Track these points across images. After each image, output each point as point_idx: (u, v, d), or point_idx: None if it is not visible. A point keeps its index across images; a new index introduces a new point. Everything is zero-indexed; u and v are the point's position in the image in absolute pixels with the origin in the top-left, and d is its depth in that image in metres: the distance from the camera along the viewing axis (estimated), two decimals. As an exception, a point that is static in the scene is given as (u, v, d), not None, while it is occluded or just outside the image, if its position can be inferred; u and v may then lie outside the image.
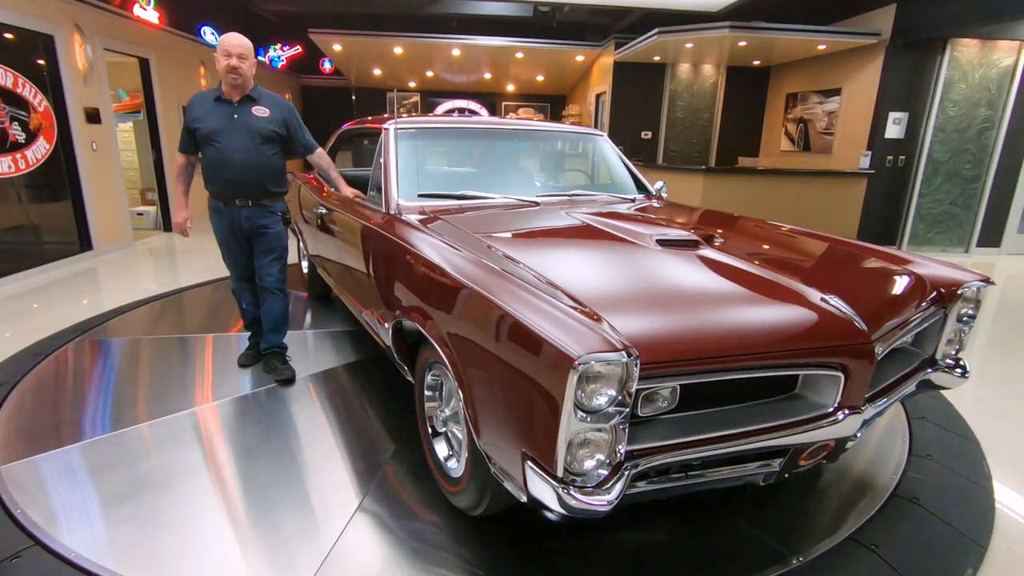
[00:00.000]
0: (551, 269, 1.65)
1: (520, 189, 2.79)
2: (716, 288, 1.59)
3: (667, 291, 1.56)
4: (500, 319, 1.41)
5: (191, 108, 2.73)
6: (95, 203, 5.79)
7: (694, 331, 1.37)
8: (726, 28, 6.53)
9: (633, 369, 1.19)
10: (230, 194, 2.78)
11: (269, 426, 2.52)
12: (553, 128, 3.22)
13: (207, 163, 2.76)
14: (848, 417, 1.50)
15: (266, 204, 2.85)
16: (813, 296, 1.57)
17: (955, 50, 6.52)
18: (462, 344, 1.60)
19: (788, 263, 1.94)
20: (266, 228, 2.87)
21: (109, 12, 5.95)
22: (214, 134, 2.69)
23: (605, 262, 1.78)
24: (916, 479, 2.18)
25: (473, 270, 1.67)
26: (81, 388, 2.87)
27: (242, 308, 3.11)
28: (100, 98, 5.89)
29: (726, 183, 6.96)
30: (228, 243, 2.90)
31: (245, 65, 2.66)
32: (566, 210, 2.45)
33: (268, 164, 2.79)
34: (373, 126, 3.06)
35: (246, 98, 2.74)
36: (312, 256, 4.01)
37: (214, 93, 2.73)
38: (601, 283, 1.60)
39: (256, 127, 2.73)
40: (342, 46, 9.68)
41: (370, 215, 2.56)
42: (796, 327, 1.45)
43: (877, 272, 1.96)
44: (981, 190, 6.95)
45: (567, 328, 1.25)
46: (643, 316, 1.40)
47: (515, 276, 1.58)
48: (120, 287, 4.85)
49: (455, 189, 2.61)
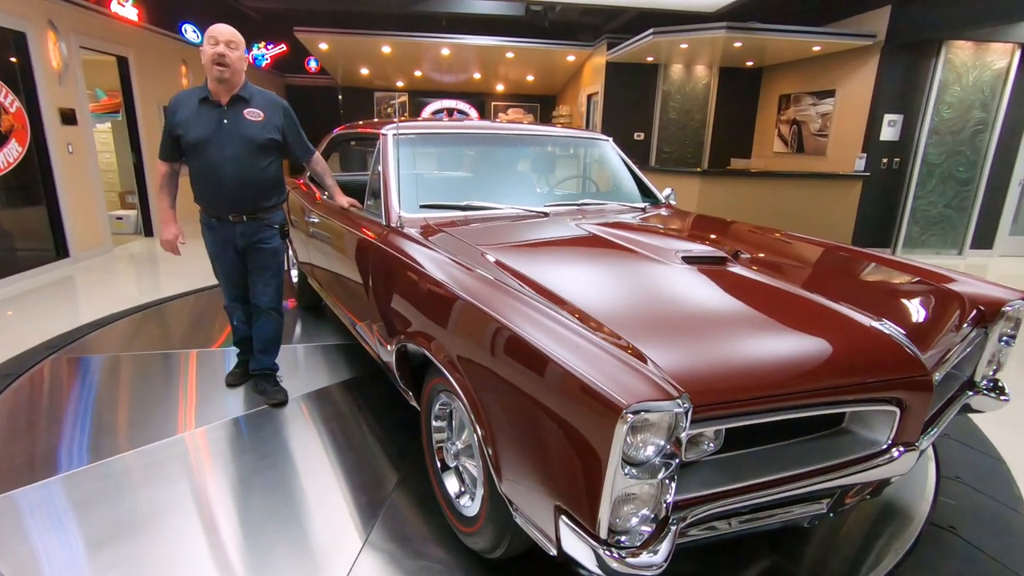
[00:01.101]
0: (576, 293, 1.52)
1: (527, 198, 2.65)
2: (758, 314, 1.46)
3: (705, 318, 1.42)
4: (527, 353, 1.27)
5: (173, 110, 2.42)
6: (71, 208, 5.54)
7: (744, 366, 1.23)
8: (722, 29, 6.44)
9: (685, 416, 1.05)
10: (222, 209, 2.52)
11: (261, 455, 2.35)
12: (559, 133, 3.08)
13: (194, 175, 2.48)
14: (904, 455, 1.38)
15: (262, 217, 2.60)
16: (864, 321, 1.45)
17: (950, 52, 6.50)
18: (478, 375, 1.46)
19: (825, 281, 1.82)
20: (262, 243, 2.62)
21: (85, 8, 5.70)
22: (201, 143, 2.39)
23: (632, 284, 1.64)
24: (949, 505, 2.08)
25: (488, 293, 1.52)
26: (57, 412, 2.67)
27: (233, 325, 2.87)
28: (76, 98, 5.64)
29: (722, 186, 6.89)
30: (221, 260, 2.65)
31: (234, 55, 2.33)
32: (577, 221, 2.31)
33: (264, 176, 2.52)
34: (368, 131, 2.90)
35: (236, 99, 2.42)
36: (302, 264, 3.83)
37: (199, 93, 2.41)
38: (632, 309, 1.47)
39: (250, 135, 2.42)
40: (328, 45, 9.45)
41: (368, 227, 2.40)
42: (853, 358, 1.33)
43: (918, 291, 1.84)
44: (975, 192, 6.95)
45: (610, 369, 1.11)
46: (685, 350, 1.26)
47: (538, 301, 1.44)
48: (98, 297, 4.63)
49: (458, 199, 2.46)
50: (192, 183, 2.52)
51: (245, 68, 2.44)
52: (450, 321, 1.62)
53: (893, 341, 1.38)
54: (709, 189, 6.76)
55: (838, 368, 1.30)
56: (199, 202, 2.56)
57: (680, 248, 1.89)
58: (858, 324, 1.43)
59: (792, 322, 1.43)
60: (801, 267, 1.99)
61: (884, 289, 1.86)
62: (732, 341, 1.32)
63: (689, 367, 1.18)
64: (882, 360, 1.34)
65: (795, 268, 1.95)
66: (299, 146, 2.63)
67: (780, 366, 1.26)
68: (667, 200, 3.04)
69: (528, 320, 1.34)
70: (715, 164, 9.16)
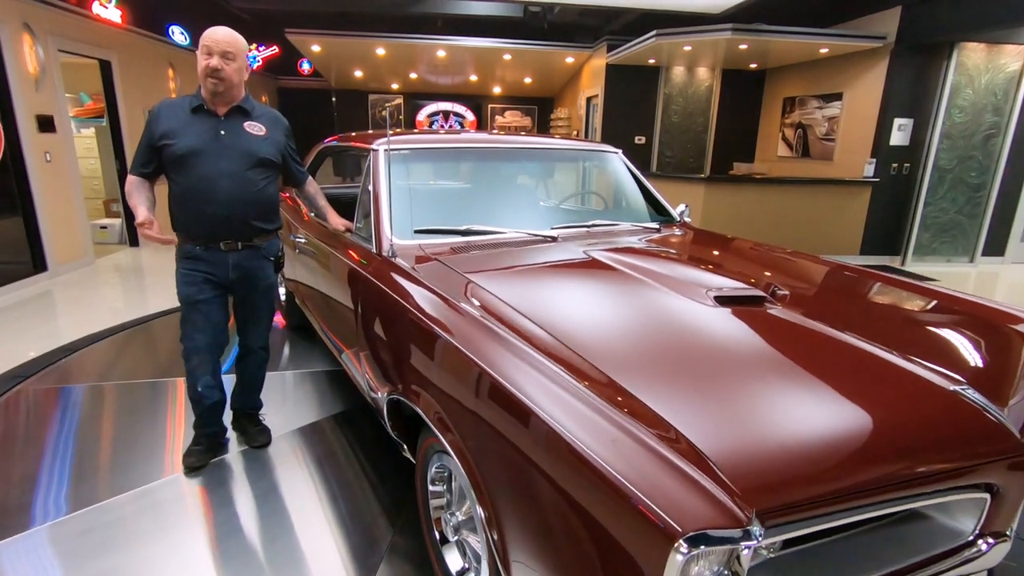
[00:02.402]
0: (603, 350, 1.29)
1: (532, 220, 2.43)
2: (815, 378, 1.23)
3: (754, 384, 1.20)
4: (547, 436, 1.04)
5: (158, 120, 2.07)
6: (50, 219, 5.28)
7: (811, 457, 1.01)
8: (728, 31, 6.22)
9: (755, 539, 0.83)
10: (213, 234, 2.13)
11: (247, 503, 2.12)
12: (566, 146, 2.84)
13: (180, 193, 2.10)
14: (993, 547, 1.16)
15: (259, 245, 2.24)
16: (943, 385, 1.22)
17: (962, 54, 6.30)
18: (482, 448, 1.23)
19: (877, 323, 1.59)
20: (258, 278, 2.27)
21: (64, 10, 5.44)
22: (193, 155, 2.05)
23: (667, 336, 1.42)
24: (1011, 568, 1.86)
25: (494, 350, 1.30)
26: (31, 453, 2.43)
27: (198, 392, 2.24)
28: (54, 104, 5.38)
29: (728, 192, 6.69)
30: (202, 299, 2.18)
31: (230, 68, 2.03)
32: (589, 247, 2.08)
33: (262, 195, 2.18)
34: (359, 144, 2.67)
35: (236, 110, 2.13)
36: (289, 281, 3.59)
37: (191, 101, 2.10)
38: (671, 373, 1.24)
39: (250, 148, 2.13)
40: (321, 47, 9.21)
41: (358, 254, 2.17)
42: (938, 437, 1.11)
43: (992, 336, 1.60)
44: (986, 198, 6.76)
45: (659, 476, 0.88)
46: (740, 435, 1.03)
47: (558, 364, 1.21)
48: (78, 315, 4.38)
49: (457, 221, 2.23)
50: (175, 205, 2.14)
51: (246, 79, 2.14)
52: (447, 379, 1.40)
53: (982, 412, 1.16)
54: (714, 196, 6.56)
55: (925, 451, 1.07)
56: (181, 228, 2.16)
57: (710, 284, 1.67)
58: (937, 389, 1.21)
59: (859, 389, 1.20)
60: (845, 303, 1.76)
61: (950, 335, 1.61)
62: (791, 419, 1.09)
63: (749, 462, 0.96)
64: (970, 436, 1.12)
65: (839, 305, 1.73)
66: (298, 169, 2.39)
67: (855, 453, 1.03)
68: (682, 217, 2.82)
69: (548, 393, 1.12)
70: (717, 168, 8.95)
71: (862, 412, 1.12)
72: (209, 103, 2.10)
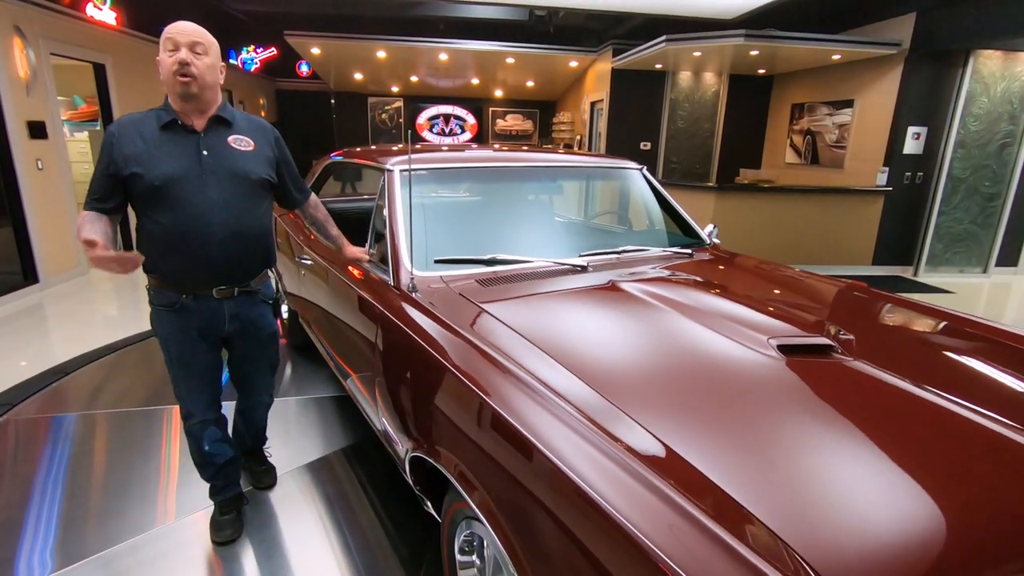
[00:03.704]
0: (659, 413, 1.13)
1: (557, 245, 2.27)
2: (915, 452, 1.08)
3: (844, 463, 1.04)
4: (600, 519, 0.89)
5: (120, 142, 1.64)
6: (41, 228, 5.09)
7: (928, 559, 0.85)
8: (740, 37, 6.08)
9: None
10: (205, 280, 1.77)
11: (251, 556, 1.95)
12: (590, 163, 2.67)
13: (162, 235, 1.68)
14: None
15: (255, 289, 1.91)
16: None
17: (978, 62, 6.18)
18: (524, 527, 1.07)
19: (961, 378, 1.43)
20: (258, 328, 1.95)
21: (57, 12, 5.25)
22: (172, 185, 1.64)
23: (729, 397, 1.25)
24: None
25: (537, 414, 1.14)
26: (17, 496, 2.25)
27: (203, 451, 1.93)
28: (46, 110, 5.19)
29: (739, 201, 6.55)
30: (194, 356, 1.83)
31: (202, 64, 1.65)
32: (624, 280, 1.92)
33: (262, 226, 1.85)
34: (369, 163, 2.50)
35: (216, 122, 1.74)
36: (289, 295, 3.42)
37: (159, 116, 1.69)
38: (738, 443, 1.08)
39: (241, 169, 1.75)
40: (321, 49, 9.03)
41: (373, 285, 2.00)
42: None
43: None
44: (1000, 208, 6.64)
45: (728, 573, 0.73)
46: (832, 528, 0.88)
47: (603, 432, 1.05)
48: (71, 330, 4.19)
49: (477, 247, 2.07)
50: (151, 248, 1.71)
51: (222, 80, 1.76)
52: (482, 440, 1.24)
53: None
54: (725, 205, 6.41)
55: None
56: (160, 274, 1.75)
57: (768, 328, 1.51)
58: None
59: (971, 469, 1.05)
60: (920, 349, 1.60)
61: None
62: (895, 508, 0.94)
63: (848, 568, 0.80)
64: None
65: (914, 352, 1.57)
66: (295, 185, 2.01)
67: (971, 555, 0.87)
68: (711, 238, 2.67)
69: (599, 468, 0.97)
70: (724, 174, 8.82)
71: (984, 499, 0.97)
72: (183, 115, 1.69)
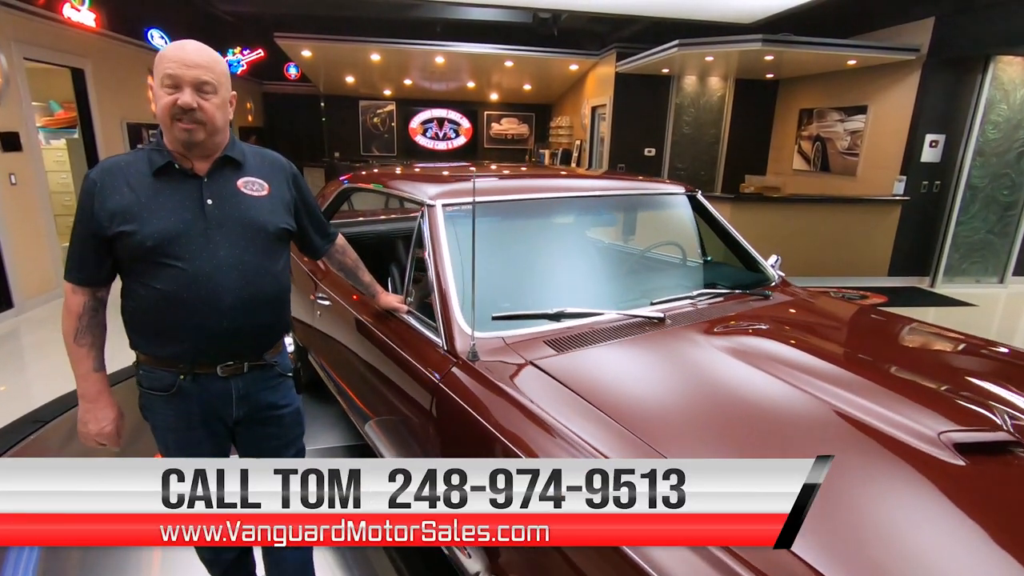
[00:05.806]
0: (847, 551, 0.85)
1: (623, 289, 1.98)
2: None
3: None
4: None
5: (102, 193, 1.29)
6: (15, 249, 4.69)
7: None
8: (757, 42, 5.85)
9: None
10: (209, 356, 1.39)
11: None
12: (646, 190, 2.35)
13: (156, 303, 1.33)
14: None
15: (271, 363, 1.50)
16: None
17: (998, 68, 6.01)
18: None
19: None
20: (276, 408, 1.52)
21: (30, 14, 4.84)
22: (170, 244, 1.30)
23: (918, 520, 0.98)
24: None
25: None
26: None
27: (210, 560, 1.60)
28: (20, 119, 4.78)
29: (754, 212, 6.35)
30: (194, 450, 1.44)
31: (211, 105, 1.30)
32: (718, 338, 1.63)
33: (278, 289, 1.46)
34: (401, 192, 2.17)
35: (223, 162, 1.38)
36: (296, 321, 3.06)
37: (151, 159, 1.34)
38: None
39: (255, 219, 1.39)
40: (312, 52, 8.66)
41: (418, 345, 1.70)
42: None
43: None
44: (1018, 217, 6.50)
45: None
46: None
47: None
48: (49, 362, 3.81)
49: (536, 298, 1.77)
50: (142, 319, 1.38)
51: (231, 115, 1.38)
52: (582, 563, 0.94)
53: None
54: (740, 217, 6.18)
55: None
56: (157, 349, 1.38)
57: (933, 419, 1.23)
58: None
59: None
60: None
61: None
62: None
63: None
64: None
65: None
66: (319, 230, 1.64)
67: None
68: (777, 272, 2.40)
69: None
70: (729, 181, 8.62)
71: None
72: (181, 158, 1.34)
